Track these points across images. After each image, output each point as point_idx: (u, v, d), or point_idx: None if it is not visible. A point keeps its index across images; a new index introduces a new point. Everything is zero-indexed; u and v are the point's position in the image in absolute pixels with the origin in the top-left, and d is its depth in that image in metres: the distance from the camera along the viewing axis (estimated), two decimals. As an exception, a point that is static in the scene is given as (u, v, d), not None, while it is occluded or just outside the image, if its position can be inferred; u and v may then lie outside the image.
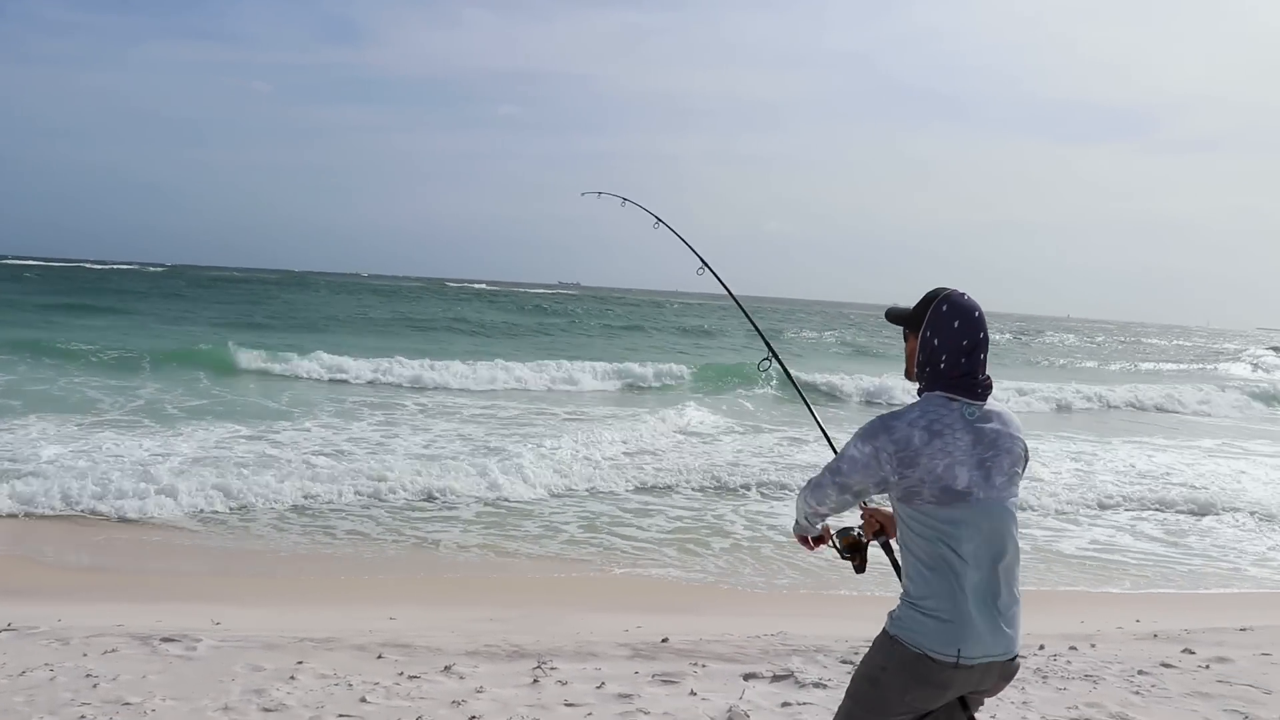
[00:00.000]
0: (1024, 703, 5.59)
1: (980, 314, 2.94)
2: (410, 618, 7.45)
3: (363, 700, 5.32)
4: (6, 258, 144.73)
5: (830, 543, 3.31)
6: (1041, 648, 6.73)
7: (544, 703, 5.35)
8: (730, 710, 5.26)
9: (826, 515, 3.12)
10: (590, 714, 5.19)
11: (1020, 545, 2.92)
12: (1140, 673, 6.29)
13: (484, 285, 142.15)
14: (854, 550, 3.32)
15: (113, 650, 6.08)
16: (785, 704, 5.45)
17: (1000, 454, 2.86)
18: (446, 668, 5.91)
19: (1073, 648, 6.81)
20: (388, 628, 7.00)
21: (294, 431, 15.57)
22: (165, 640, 6.31)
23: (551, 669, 5.94)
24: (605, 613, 7.86)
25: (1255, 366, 58.08)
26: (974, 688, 2.88)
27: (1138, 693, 5.90)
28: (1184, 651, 6.85)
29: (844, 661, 6.26)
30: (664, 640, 6.69)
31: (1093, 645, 6.93)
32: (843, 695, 5.57)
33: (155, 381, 20.79)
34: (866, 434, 2.87)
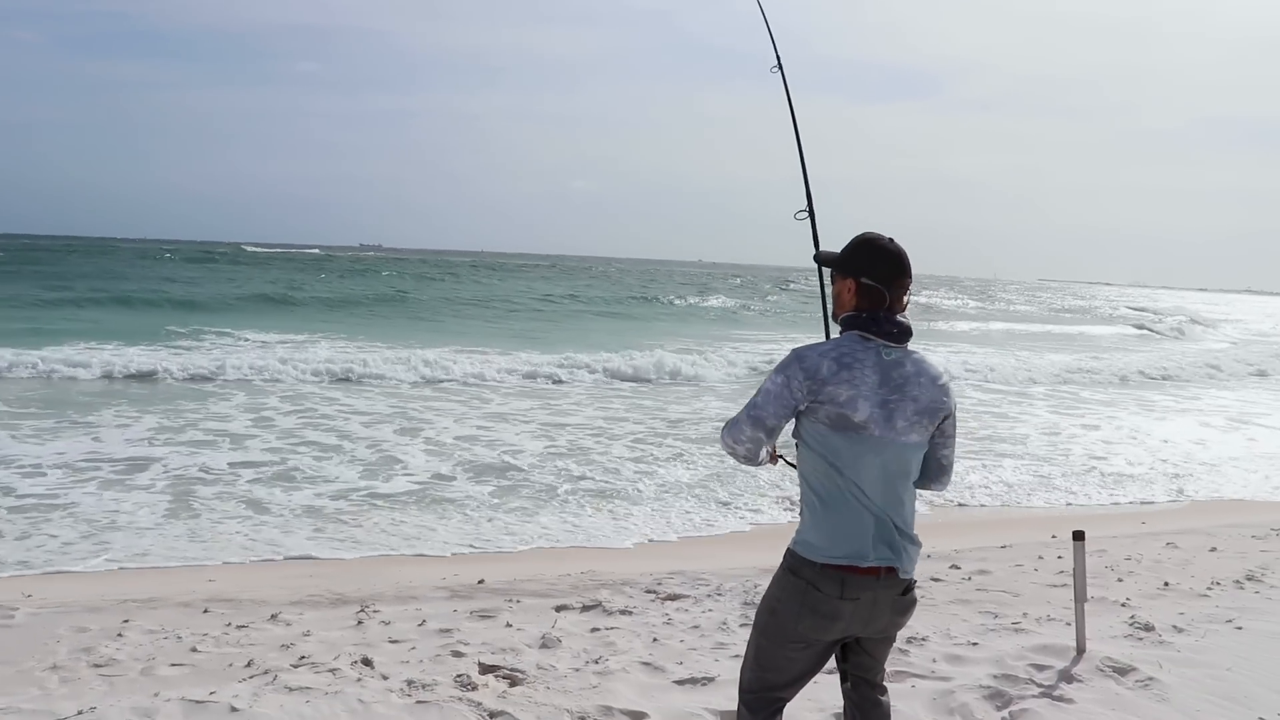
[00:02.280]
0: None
1: (907, 264, 3.09)
2: (229, 578, 7.59)
3: (194, 650, 5.55)
4: None
5: (785, 461, 3.44)
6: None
7: (369, 640, 5.70)
8: (544, 636, 5.71)
9: (744, 455, 3.15)
10: (414, 648, 5.56)
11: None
12: (911, 586, 7.04)
13: (318, 250, 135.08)
14: None
15: (-77, 623, 6.08)
16: (594, 629, 5.94)
17: (906, 400, 2.99)
18: (273, 616, 6.17)
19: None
20: (208, 588, 7.15)
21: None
22: (-20, 611, 6.34)
23: (375, 611, 6.29)
24: (422, 565, 8.18)
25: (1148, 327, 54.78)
26: (865, 626, 3.05)
27: (908, 603, 6.63)
28: (951, 567, 7.69)
29: (648, 591, 6.80)
30: (480, 582, 7.11)
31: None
32: (646, 620, 6.14)
33: None
34: (780, 366, 3.05)
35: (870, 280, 3.06)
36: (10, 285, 40.93)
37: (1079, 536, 5.60)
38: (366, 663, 5.24)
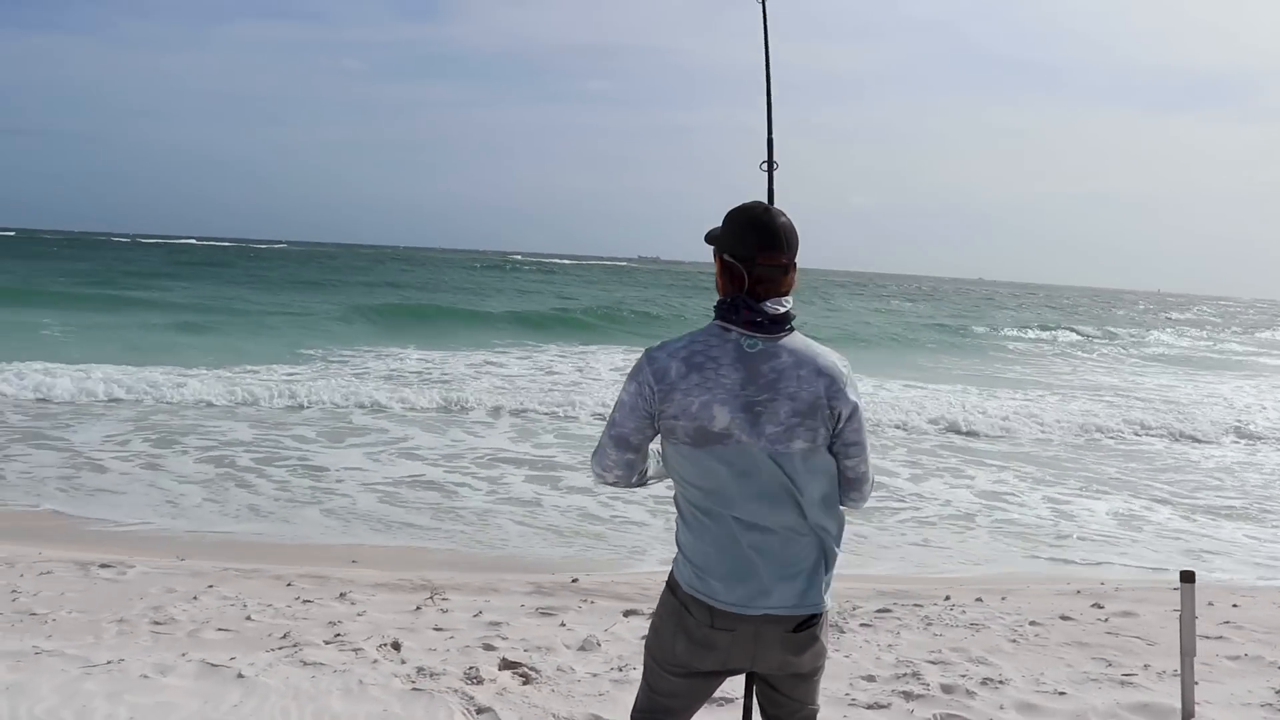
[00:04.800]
0: (889, 645, 5.72)
1: (780, 236, 2.59)
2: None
3: (247, 619, 5.69)
4: (111, 234, 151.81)
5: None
6: (947, 598, 6.82)
7: (414, 626, 5.66)
8: (585, 639, 5.49)
9: (615, 481, 2.74)
10: (452, 637, 5.48)
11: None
12: (1032, 624, 6.35)
13: (629, 262, 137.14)
14: None
15: (47, 572, 6.53)
16: (643, 636, 5.65)
17: (778, 399, 2.51)
18: (342, 595, 6.25)
19: (979, 599, 6.88)
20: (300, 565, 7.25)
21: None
22: (102, 566, 6.76)
23: (443, 599, 6.26)
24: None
25: None
26: (752, 661, 2.64)
27: (1014, 640, 5.97)
28: (1093, 606, 6.88)
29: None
30: (574, 580, 6.95)
31: (1003, 598, 6.99)
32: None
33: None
34: (632, 372, 2.63)
35: (729, 257, 2.60)
36: (370, 296, 41.97)
37: (1188, 578, 4.84)
38: (395, 646, 5.21)
